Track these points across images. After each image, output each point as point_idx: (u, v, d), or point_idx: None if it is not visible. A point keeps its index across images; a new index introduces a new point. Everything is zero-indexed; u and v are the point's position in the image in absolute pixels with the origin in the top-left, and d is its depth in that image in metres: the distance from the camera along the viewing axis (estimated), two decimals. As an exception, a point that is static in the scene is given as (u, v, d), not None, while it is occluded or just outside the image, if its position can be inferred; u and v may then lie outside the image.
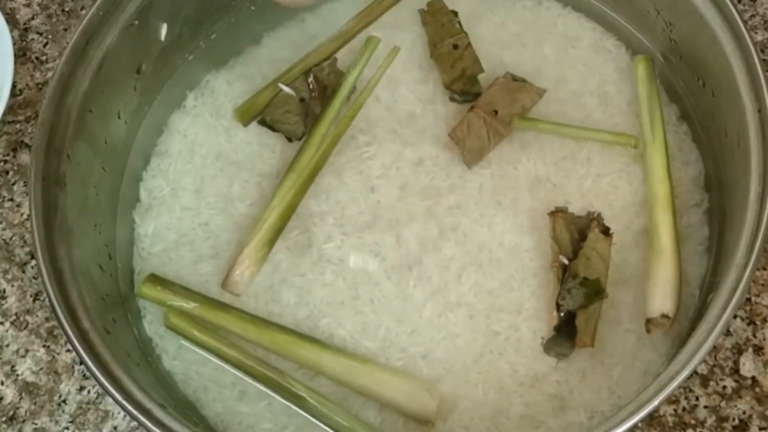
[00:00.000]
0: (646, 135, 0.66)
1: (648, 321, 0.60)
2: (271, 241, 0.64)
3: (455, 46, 0.70)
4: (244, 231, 0.66)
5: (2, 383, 0.66)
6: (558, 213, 0.64)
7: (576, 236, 0.63)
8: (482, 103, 0.68)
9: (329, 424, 0.59)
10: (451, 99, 0.70)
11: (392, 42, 0.73)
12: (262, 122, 0.71)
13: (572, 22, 0.74)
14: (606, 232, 0.63)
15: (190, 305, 0.63)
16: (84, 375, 0.66)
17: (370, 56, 0.71)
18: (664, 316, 0.60)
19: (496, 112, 0.67)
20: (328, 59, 0.71)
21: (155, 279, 0.64)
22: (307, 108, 0.69)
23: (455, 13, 0.72)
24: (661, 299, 0.60)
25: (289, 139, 0.70)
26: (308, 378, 0.62)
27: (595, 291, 0.61)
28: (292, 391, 0.60)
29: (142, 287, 0.64)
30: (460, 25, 0.71)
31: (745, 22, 0.60)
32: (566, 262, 0.62)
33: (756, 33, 0.74)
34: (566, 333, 0.61)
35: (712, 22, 0.61)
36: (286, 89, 0.70)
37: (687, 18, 0.64)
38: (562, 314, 0.60)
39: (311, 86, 0.70)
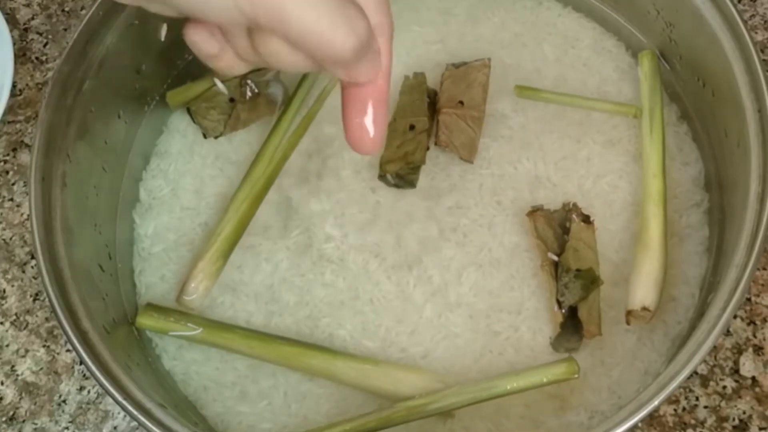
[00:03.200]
0: (644, 130, 0.66)
1: (629, 313, 0.60)
2: (226, 254, 0.64)
3: (412, 127, 0.67)
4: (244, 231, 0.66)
5: (2, 383, 0.66)
6: (536, 212, 0.64)
7: (559, 231, 0.63)
8: (444, 102, 0.68)
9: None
10: (379, 178, 0.67)
11: (393, 42, 0.73)
12: (188, 111, 0.70)
13: (572, 22, 0.74)
14: (587, 219, 0.63)
15: (192, 331, 0.62)
16: (84, 375, 0.66)
17: None
18: (645, 309, 0.60)
19: (461, 102, 0.67)
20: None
21: (153, 308, 0.63)
22: (232, 110, 0.69)
23: (432, 93, 0.69)
24: (644, 292, 0.60)
25: (204, 136, 0.70)
26: (307, 378, 0.62)
27: (590, 280, 0.61)
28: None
29: (139, 319, 0.63)
30: (432, 107, 0.68)
31: (745, 22, 0.60)
32: (555, 258, 0.62)
33: (756, 33, 0.74)
34: (572, 327, 0.61)
35: (712, 22, 0.61)
36: (219, 85, 0.69)
37: (687, 18, 0.64)
38: (564, 311, 0.60)
39: (244, 90, 0.69)
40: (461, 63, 0.70)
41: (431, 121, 0.68)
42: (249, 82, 0.69)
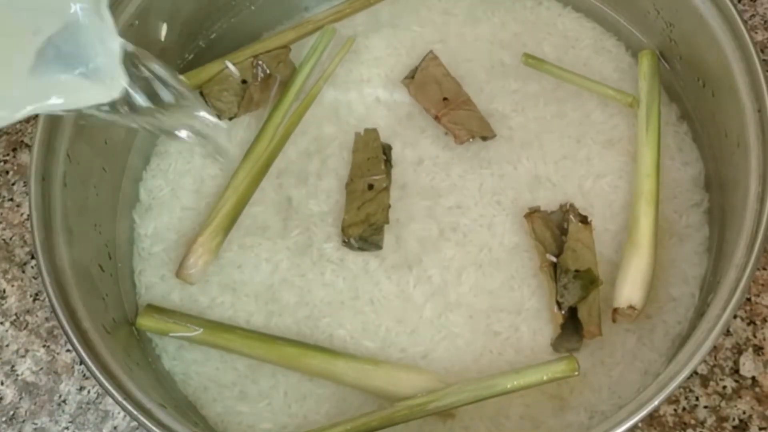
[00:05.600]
0: (640, 128, 0.66)
1: (615, 311, 0.60)
2: (226, 230, 0.65)
3: (370, 186, 0.66)
4: (244, 230, 0.66)
5: (2, 383, 0.66)
6: (533, 214, 0.64)
7: (556, 232, 0.63)
8: (434, 108, 0.68)
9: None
10: (343, 244, 0.65)
11: (392, 42, 0.73)
12: (201, 94, 0.71)
13: (572, 22, 0.74)
14: (585, 220, 0.63)
15: (192, 332, 0.62)
16: (84, 375, 0.66)
17: (325, 48, 0.71)
18: (631, 307, 0.60)
19: (445, 99, 0.68)
20: (282, 48, 0.71)
21: (154, 309, 0.63)
22: (245, 91, 0.70)
23: (388, 148, 0.68)
24: (630, 290, 0.60)
25: (219, 117, 0.70)
26: (307, 378, 0.62)
27: (589, 281, 0.61)
28: None
29: (140, 320, 0.63)
30: (388, 164, 0.67)
31: (745, 22, 0.60)
32: (554, 259, 0.62)
33: (756, 33, 0.74)
34: (572, 328, 0.61)
35: (712, 22, 0.61)
36: (231, 68, 0.70)
37: (687, 18, 0.64)
38: (563, 311, 0.60)
39: (255, 71, 0.70)
40: (411, 72, 0.70)
41: (389, 177, 0.67)
42: (260, 62, 0.70)
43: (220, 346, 0.62)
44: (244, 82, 0.70)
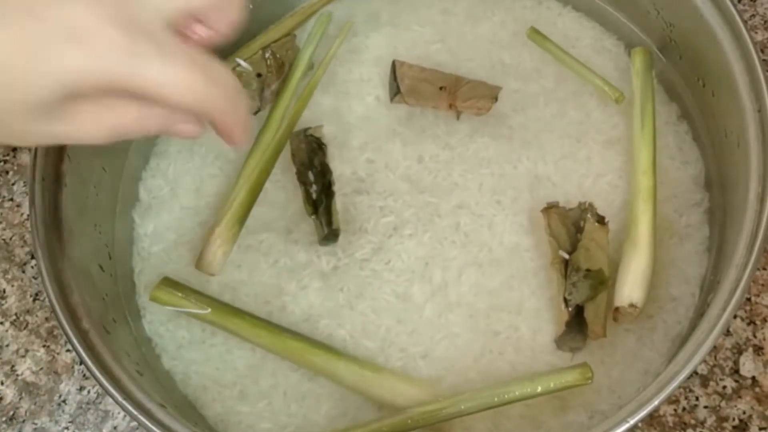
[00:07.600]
0: (635, 126, 0.66)
1: (616, 309, 0.60)
2: (241, 220, 0.65)
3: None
4: (244, 229, 0.66)
5: (2, 383, 0.66)
6: (551, 209, 0.64)
7: (572, 229, 0.63)
8: (441, 101, 0.68)
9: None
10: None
11: (393, 42, 0.73)
12: None
13: (572, 22, 0.74)
14: (601, 221, 0.63)
15: (203, 310, 0.63)
16: (84, 375, 0.66)
17: (323, 31, 0.72)
18: (632, 305, 0.60)
19: (442, 88, 0.68)
20: (288, 35, 0.72)
21: (169, 283, 0.63)
22: (263, 83, 0.70)
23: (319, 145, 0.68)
24: (631, 288, 0.60)
25: None
26: (307, 378, 0.62)
27: (599, 281, 0.60)
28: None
29: (155, 291, 0.63)
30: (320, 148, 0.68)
31: (745, 22, 0.60)
32: (566, 256, 0.62)
33: (756, 33, 0.74)
34: (577, 327, 0.60)
35: (712, 22, 0.61)
36: (243, 64, 0.70)
37: (687, 18, 0.64)
38: (570, 309, 0.60)
39: (268, 62, 0.70)
40: (392, 90, 0.69)
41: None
42: (270, 53, 0.70)
43: (228, 329, 0.62)
44: (259, 75, 0.70)
